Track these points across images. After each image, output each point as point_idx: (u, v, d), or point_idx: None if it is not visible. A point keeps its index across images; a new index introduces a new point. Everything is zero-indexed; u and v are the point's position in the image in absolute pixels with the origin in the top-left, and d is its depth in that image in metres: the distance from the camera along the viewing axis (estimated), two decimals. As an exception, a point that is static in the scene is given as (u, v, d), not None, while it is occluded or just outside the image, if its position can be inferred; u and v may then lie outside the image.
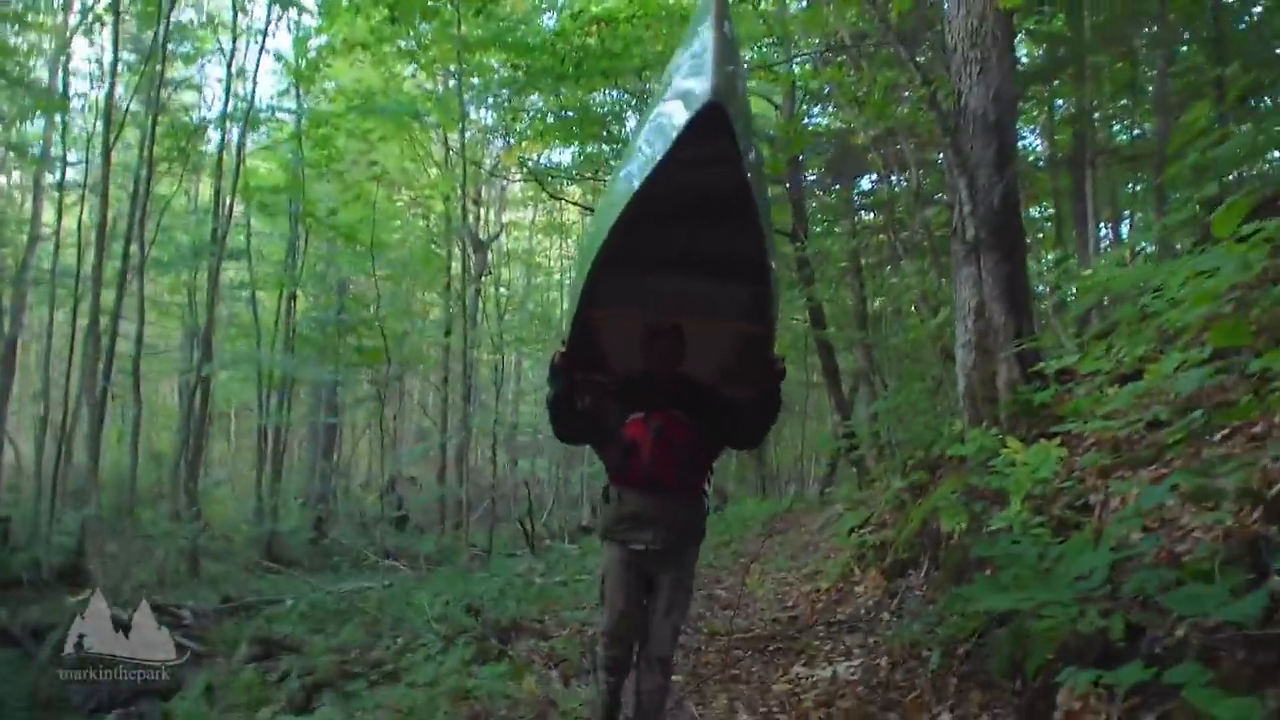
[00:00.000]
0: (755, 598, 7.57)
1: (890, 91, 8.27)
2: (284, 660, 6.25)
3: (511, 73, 13.50)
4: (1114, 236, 14.55)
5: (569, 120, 14.78)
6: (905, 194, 11.55)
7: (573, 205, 21.42)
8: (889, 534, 6.59)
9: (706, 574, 8.58)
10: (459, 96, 14.38)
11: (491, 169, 19.15)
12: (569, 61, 10.80)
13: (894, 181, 12.30)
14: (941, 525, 5.01)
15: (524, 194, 25.55)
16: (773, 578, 8.45)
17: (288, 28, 15.62)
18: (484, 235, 20.40)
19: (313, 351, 18.72)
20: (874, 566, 6.55)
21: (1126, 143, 12.11)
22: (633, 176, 2.59)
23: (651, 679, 3.46)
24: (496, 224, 24.17)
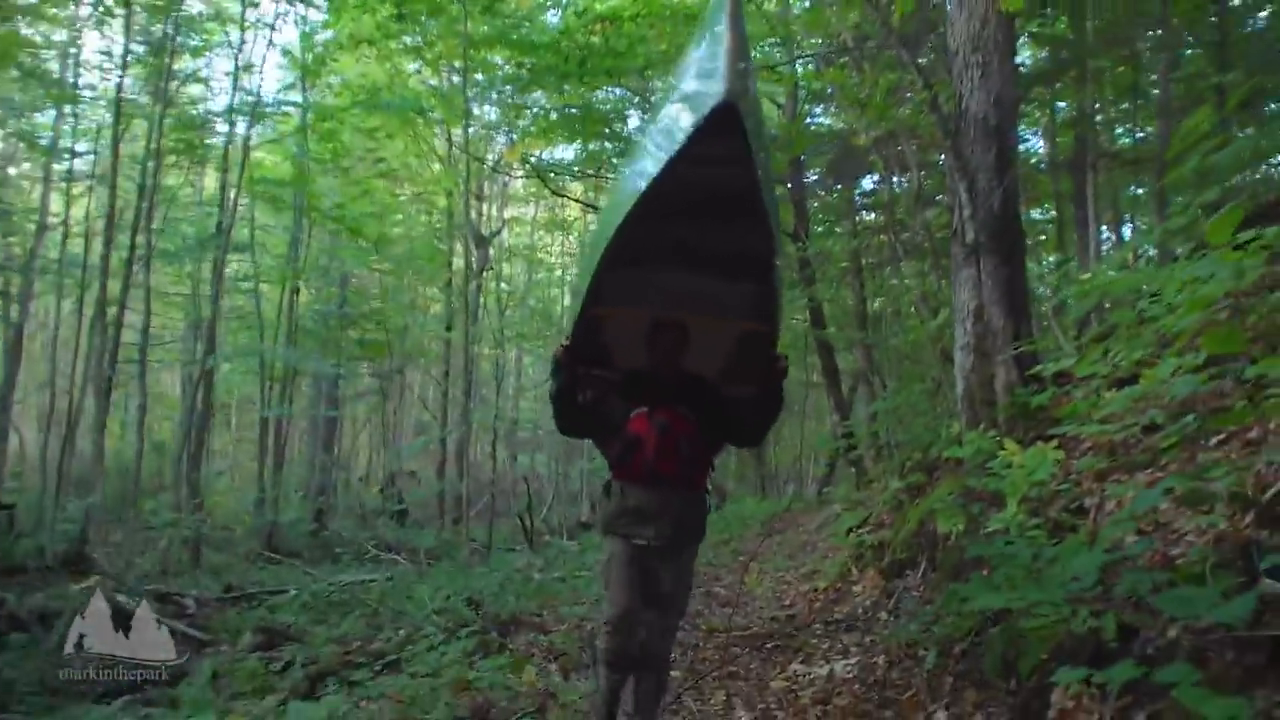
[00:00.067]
0: (754, 596, 7.61)
1: (892, 93, 8.31)
2: (287, 649, 6.30)
3: (515, 70, 13.55)
4: (1116, 239, 14.61)
5: (572, 117, 14.81)
6: (906, 195, 11.59)
7: (575, 202, 21.49)
8: (887, 534, 6.63)
9: (705, 572, 8.62)
10: (463, 93, 14.40)
11: (494, 165, 19.17)
12: (573, 60, 10.85)
13: (895, 182, 12.34)
14: (939, 526, 5.06)
15: (526, 190, 25.50)
16: (771, 576, 8.48)
17: (295, 23, 15.64)
18: (486, 231, 20.41)
19: (315, 345, 18.75)
20: (872, 566, 6.60)
21: (1128, 146, 12.13)
22: (642, 174, 2.58)
23: (648, 675, 3.48)
24: (498, 220, 24.16)
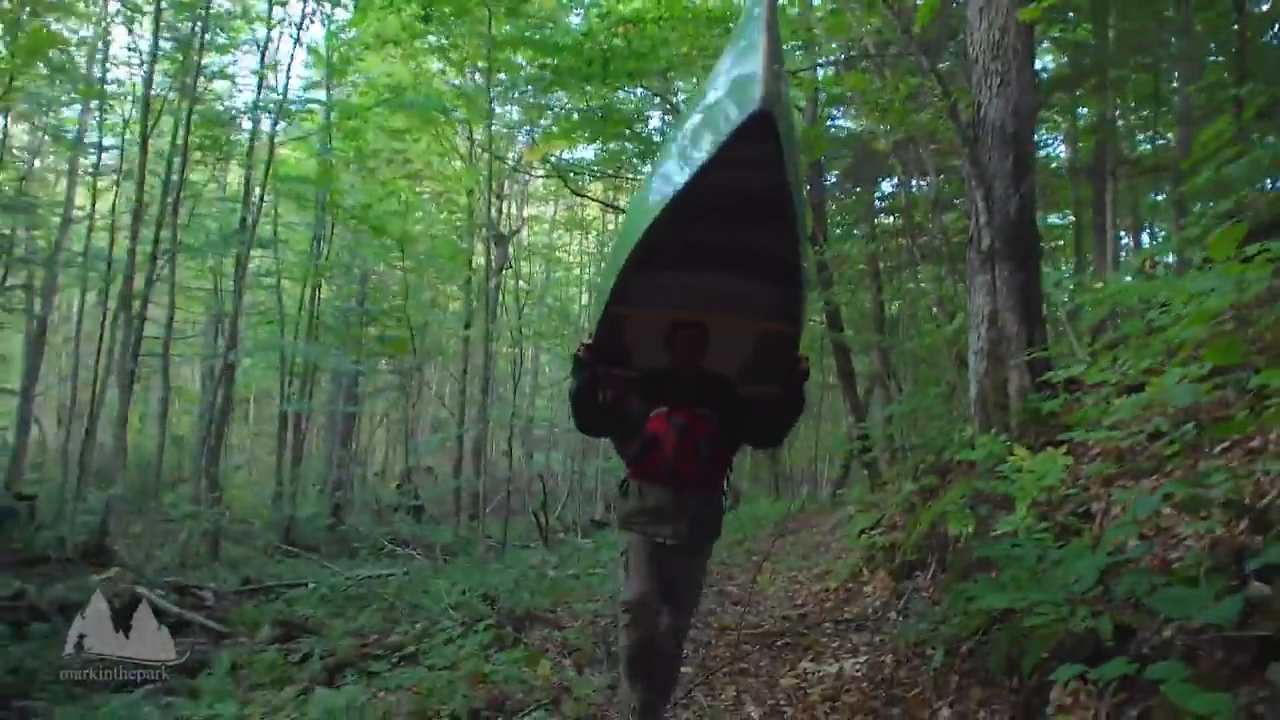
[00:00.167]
0: (766, 595, 7.68)
1: (912, 99, 8.36)
2: (305, 642, 6.37)
3: (538, 71, 13.64)
4: (1135, 245, 14.59)
5: (593, 118, 14.90)
6: (924, 199, 11.62)
7: (594, 202, 21.60)
8: (898, 536, 6.69)
9: (719, 571, 8.68)
10: (487, 93, 14.52)
11: (515, 164, 19.30)
12: (596, 62, 10.94)
13: (914, 186, 12.38)
14: (949, 529, 5.12)
15: (546, 189, 25.63)
16: (784, 576, 8.54)
17: (321, 21, 15.78)
18: (505, 229, 20.54)
19: (335, 341, 18.91)
20: (883, 567, 6.66)
21: (1148, 153, 12.12)
22: (671, 176, 2.58)
23: (661, 675, 3.50)
24: (518, 218, 24.28)
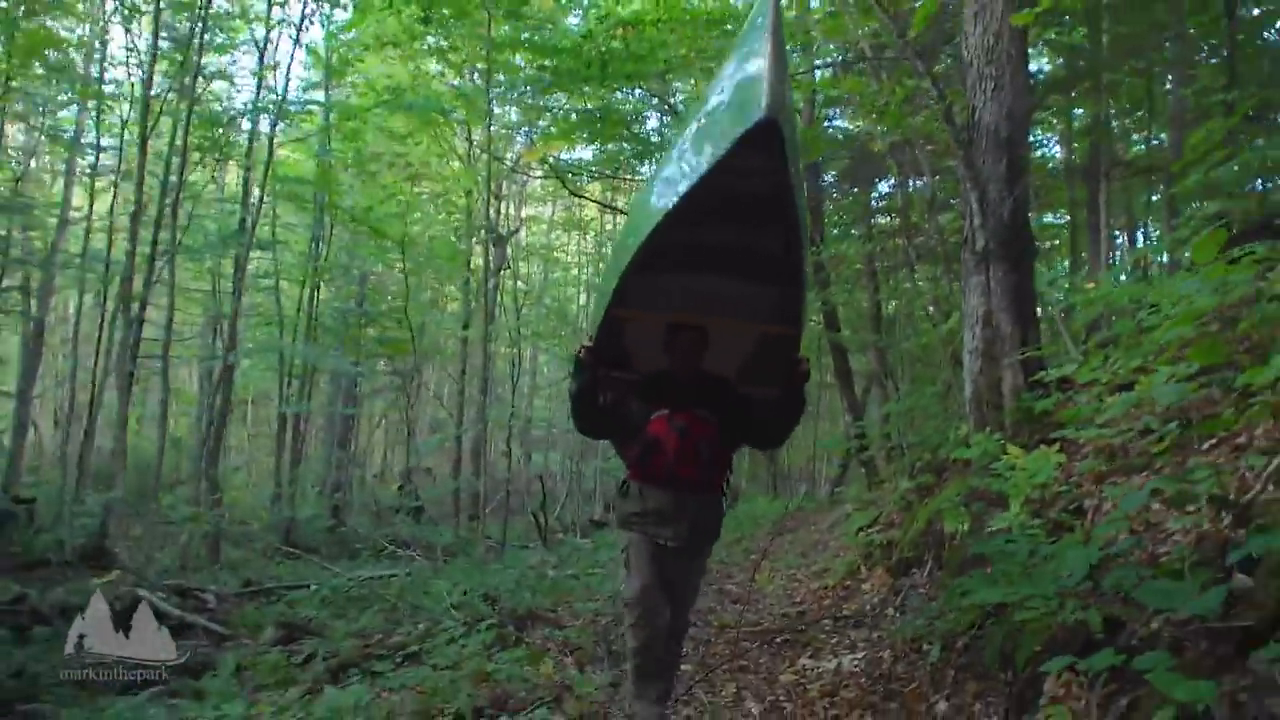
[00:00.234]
0: (765, 593, 7.74)
1: (908, 102, 8.42)
2: (308, 643, 6.44)
3: (537, 72, 13.69)
4: (1130, 244, 14.71)
5: (592, 119, 14.97)
6: (921, 199, 11.69)
7: (593, 202, 21.65)
8: (895, 534, 6.75)
9: (718, 570, 8.73)
10: (486, 95, 14.58)
11: (513, 165, 19.35)
12: (595, 64, 10.99)
13: (911, 186, 12.45)
14: (945, 526, 5.19)
15: (544, 189, 25.67)
16: (782, 574, 8.60)
17: (320, 22, 15.82)
18: (504, 230, 20.59)
19: (334, 342, 18.95)
20: (880, 565, 6.73)
21: (1142, 154, 12.20)
22: (676, 180, 2.60)
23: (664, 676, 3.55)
24: (516, 219, 24.31)
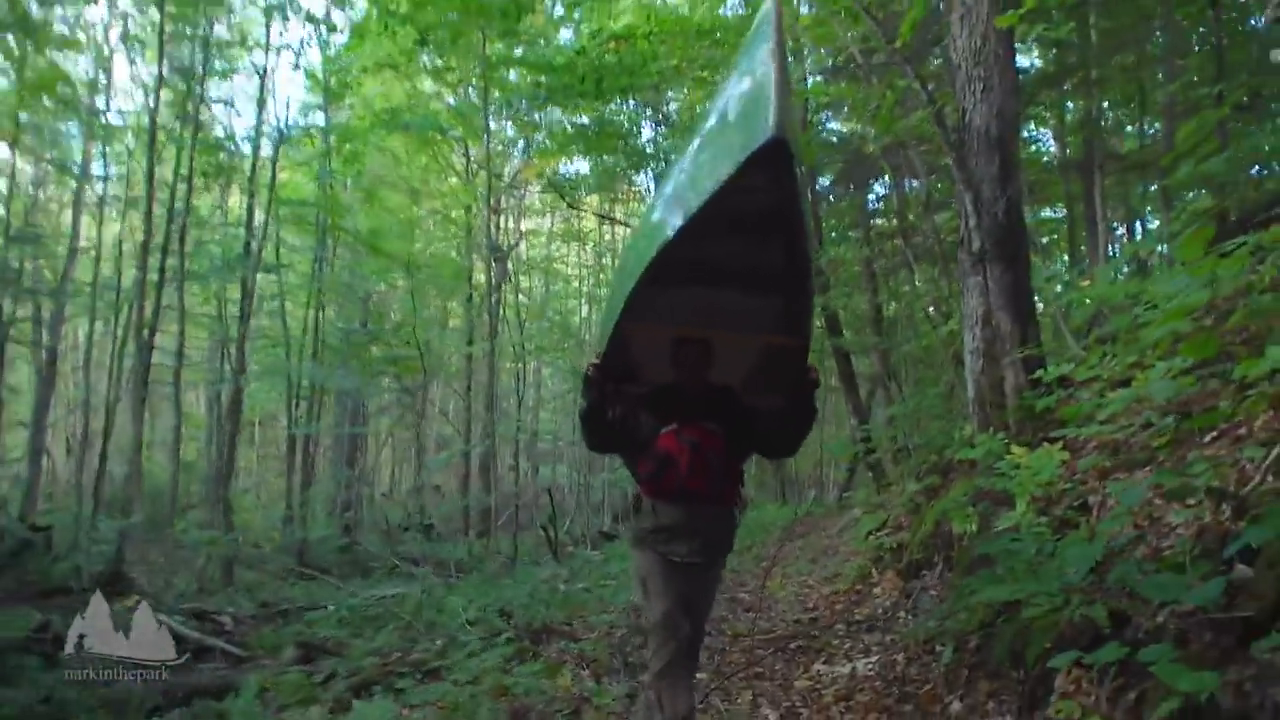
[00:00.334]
0: (777, 600, 7.78)
1: (899, 105, 8.50)
2: (327, 662, 6.48)
3: (533, 88, 13.79)
4: (1129, 236, 14.74)
5: (588, 132, 15.08)
6: (917, 200, 11.76)
7: (591, 214, 21.76)
8: (905, 536, 6.81)
9: (730, 578, 8.74)
10: (483, 113, 14.69)
11: (511, 180, 19.47)
12: (589, 79, 11.09)
13: (906, 186, 12.52)
14: (953, 527, 5.24)
15: (542, 203, 25.73)
16: (794, 581, 8.65)
17: (319, 45, 15.95)
18: (504, 244, 20.66)
19: (340, 361, 19.03)
20: (891, 568, 6.79)
21: (1134, 149, 12.25)
22: (683, 197, 2.58)
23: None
24: (516, 233, 24.38)
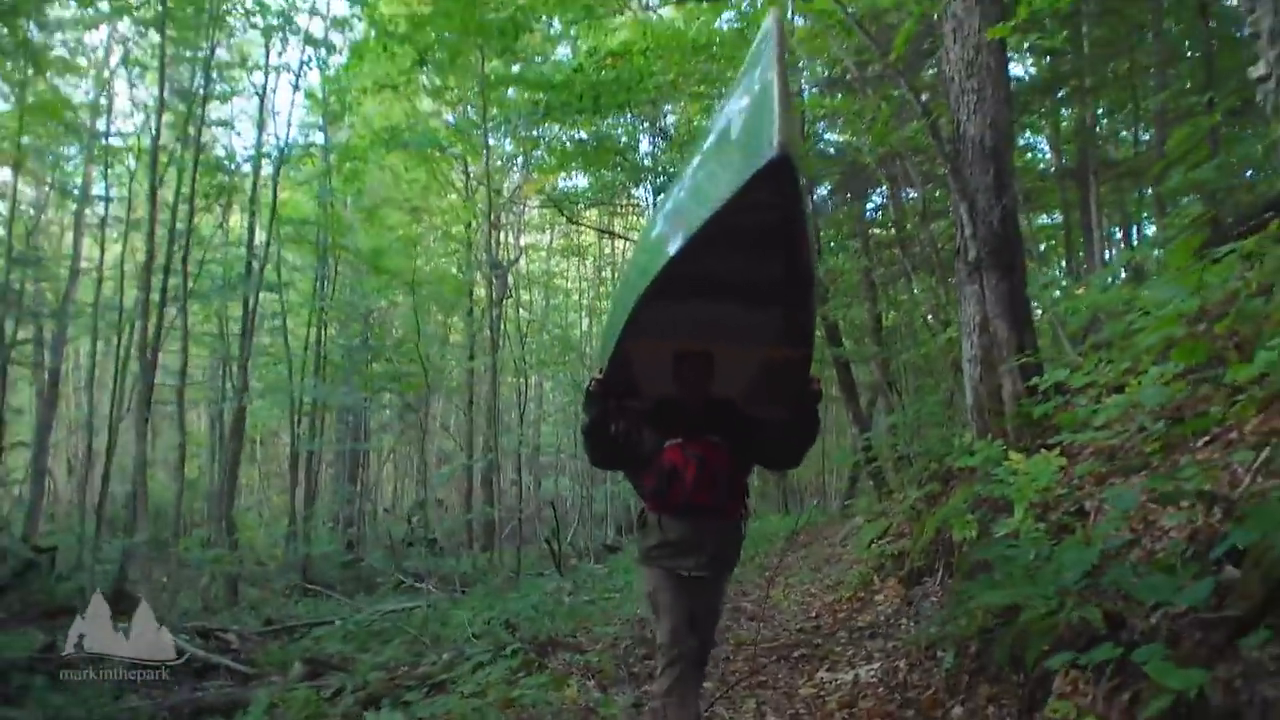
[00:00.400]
0: (780, 609, 7.83)
1: (895, 116, 8.59)
2: (334, 678, 6.49)
3: (531, 106, 13.89)
4: (1126, 241, 14.84)
5: (586, 148, 15.19)
6: (913, 209, 11.84)
7: (590, 228, 21.85)
8: (906, 544, 6.86)
9: (733, 588, 8.80)
10: (483, 131, 14.80)
11: (510, 195, 19.58)
12: (587, 96, 11.19)
13: (903, 196, 12.60)
14: (954, 534, 5.29)
15: (542, 217, 25.83)
16: (797, 590, 8.69)
17: (318, 66, 16.10)
18: (504, 259, 20.73)
19: (342, 378, 19.11)
20: (893, 575, 6.83)
21: (1128, 156, 12.34)
22: (685, 216, 2.58)
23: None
24: (515, 248, 24.46)
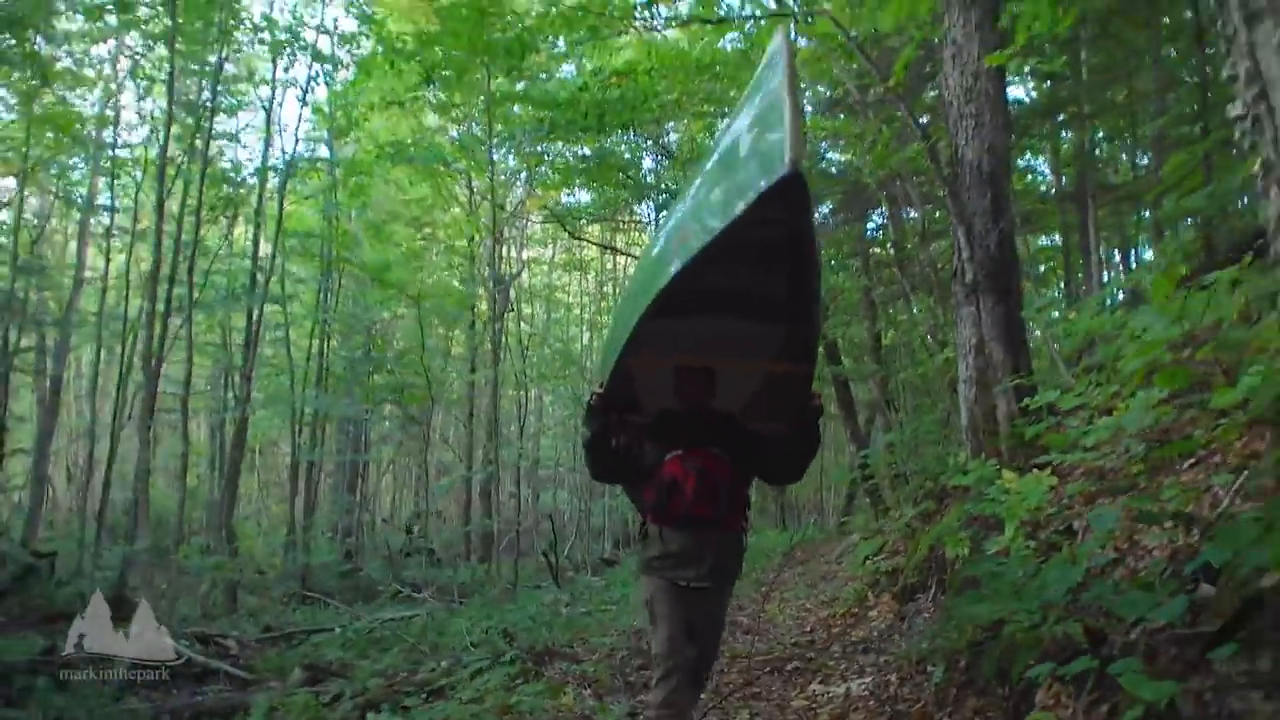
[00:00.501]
0: (775, 623, 7.92)
1: (895, 139, 8.72)
2: (333, 684, 6.56)
3: (536, 123, 14.03)
4: (1124, 264, 14.99)
5: (589, 165, 15.35)
6: (912, 229, 11.97)
7: (592, 244, 21.99)
8: (900, 561, 6.94)
9: (730, 602, 8.87)
10: (488, 147, 14.96)
11: (514, 210, 19.72)
12: (592, 114, 11.34)
13: (903, 216, 12.74)
14: (947, 551, 5.38)
15: (544, 232, 25.99)
16: (792, 605, 8.78)
17: (324, 81, 16.28)
18: (506, 273, 20.84)
19: (344, 389, 19.22)
20: (887, 591, 6.92)
21: (1126, 180, 12.48)
22: (692, 232, 2.54)
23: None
24: (518, 262, 24.59)
